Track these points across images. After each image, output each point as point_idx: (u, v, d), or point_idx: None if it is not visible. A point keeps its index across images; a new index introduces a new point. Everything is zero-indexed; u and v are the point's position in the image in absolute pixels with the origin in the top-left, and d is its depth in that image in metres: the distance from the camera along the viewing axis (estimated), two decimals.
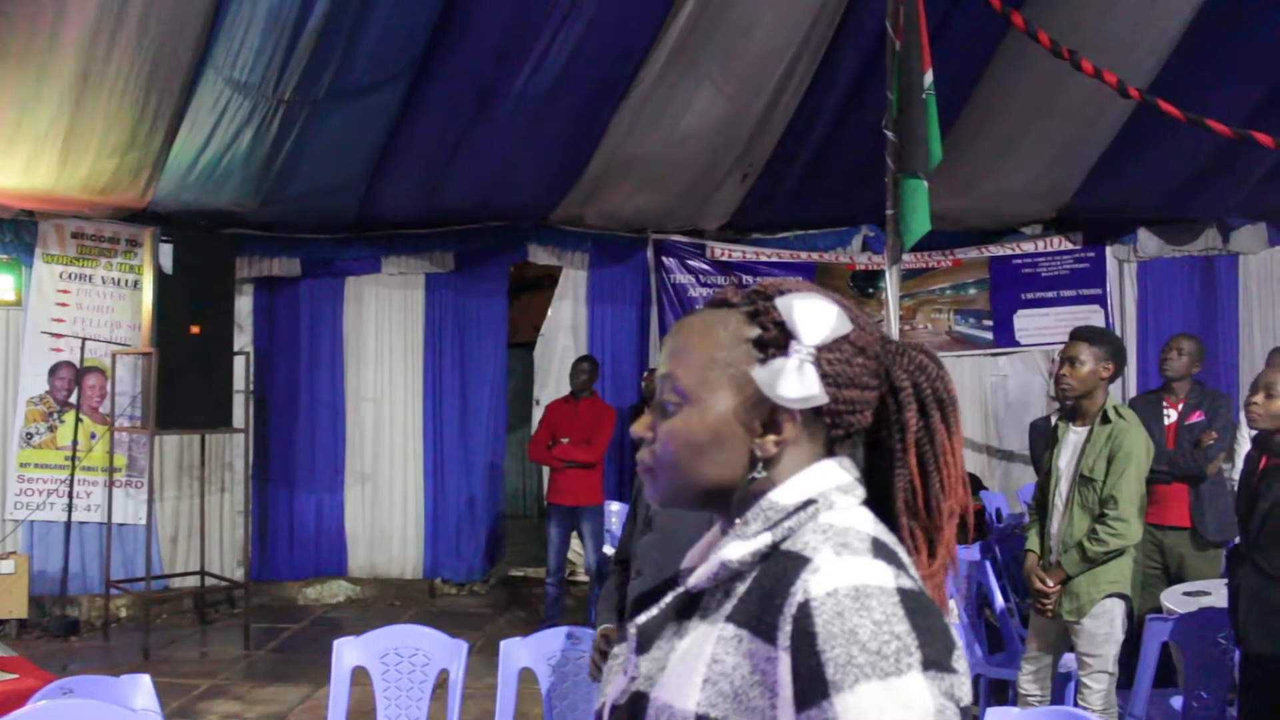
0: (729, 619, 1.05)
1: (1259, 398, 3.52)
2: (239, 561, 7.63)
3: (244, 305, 7.83)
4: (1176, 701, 4.11)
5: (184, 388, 6.64)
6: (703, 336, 1.15)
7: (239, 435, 7.34)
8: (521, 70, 6.02)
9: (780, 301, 1.13)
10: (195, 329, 6.73)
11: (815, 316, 1.11)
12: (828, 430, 1.13)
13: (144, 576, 6.83)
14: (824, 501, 1.09)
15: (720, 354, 1.13)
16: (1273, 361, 5.27)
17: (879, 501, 1.14)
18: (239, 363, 7.11)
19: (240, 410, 7.12)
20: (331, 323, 8.15)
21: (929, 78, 4.50)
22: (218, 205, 6.97)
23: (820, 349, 1.10)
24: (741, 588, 1.07)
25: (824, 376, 1.10)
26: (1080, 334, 4.10)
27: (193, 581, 7.49)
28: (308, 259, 7.95)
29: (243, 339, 7.70)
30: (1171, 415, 5.27)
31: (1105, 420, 3.96)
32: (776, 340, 1.11)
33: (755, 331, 1.13)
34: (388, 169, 6.82)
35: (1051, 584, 3.99)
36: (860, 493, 1.12)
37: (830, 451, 1.14)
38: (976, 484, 7.61)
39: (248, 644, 6.72)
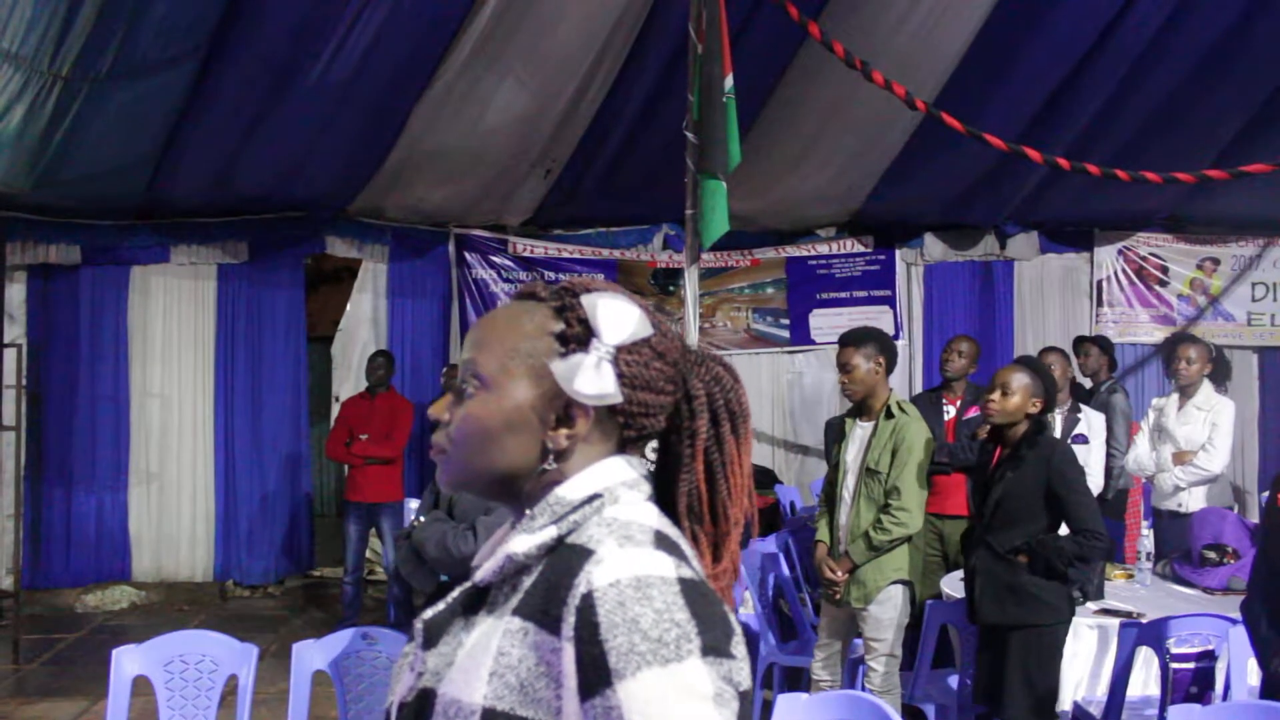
0: (515, 612, 1.06)
1: (995, 395, 3.84)
2: (8, 569, 7.13)
3: (16, 294, 7.33)
4: (954, 680, 4.35)
5: None
6: (508, 326, 1.17)
7: (9, 433, 6.86)
8: (321, 55, 5.85)
9: (586, 299, 1.15)
10: None
11: (618, 317, 1.14)
12: (620, 430, 1.16)
13: None
14: (609, 496, 1.12)
15: (523, 344, 1.15)
16: (1044, 360, 5.63)
17: (664, 504, 1.16)
18: (10, 355, 6.66)
19: (11, 407, 6.67)
20: (115, 314, 7.72)
21: (729, 82, 4.60)
22: None
23: (620, 349, 1.13)
24: (528, 581, 1.08)
25: (621, 377, 1.13)
26: (847, 339, 4.24)
27: None
28: (89, 246, 7.49)
29: (14, 330, 7.22)
30: (951, 411, 5.57)
31: (889, 415, 4.16)
32: (579, 337, 1.14)
33: (559, 326, 1.15)
34: (177, 153, 6.50)
35: (840, 573, 4.16)
36: (646, 489, 1.15)
37: (622, 452, 1.17)
38: (772, 478, 7.86)
39: (17, 658, 6.29)
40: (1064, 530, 3.84)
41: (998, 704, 3.78)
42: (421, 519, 3.16)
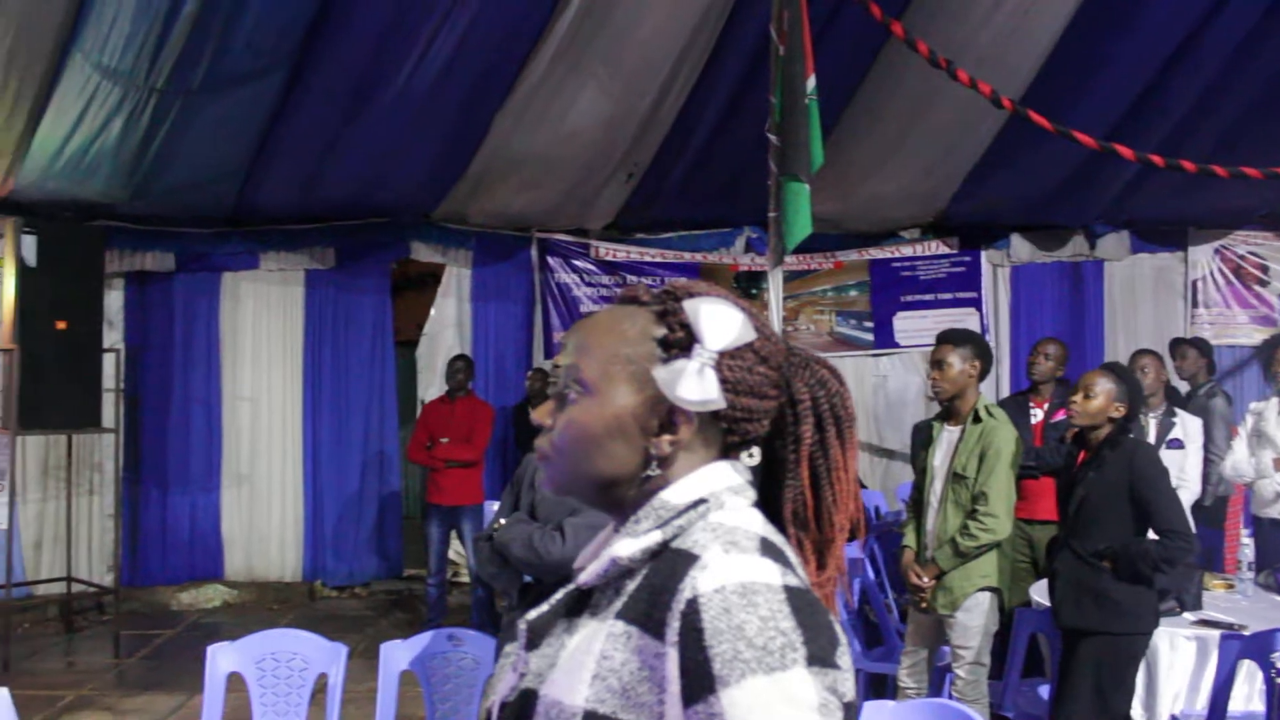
0: (619, 615, 1.06)
1: (1078, 397, 3.83)
2: (109, 567, 7.35)
3: (114, 300, 7.56)
4: (1044, 690, 4.26)
5: (48, 386, 6.35)
6: (609, 331, 1.15)
7: (109, 435, 7.07)
8: (404, 63, 5.94)
9: (688, 304, 1.13)
10: (61, 324, 6.45)
11: (720, 322, 1.12)
12: (724, 436, 1.14)
13: (4, 584, 6.51)
14: (714, 501, 1.10)
15: (625, 350, 1.14)
16: (1137, 363, 5.50)
17: (769, 509, 1.15)
18: (109, 360, 6.85)
19: (110, 409, 6.86)
20: (207, 319, 7.92)
21: (811, 83, 4.56)
22: (85, 196, 6.71)
23: (722, 354, 1.11)
24: (632, 585, 1.07)
25: (724, 382, 1.11)
26: (946, 337, 4.21)
27: (58, 588, 7.18)
28: (182, 253, 7.70)
29: (113, 335, 7.43)
30: (1038, 414, 5.46)
31: (977, 419, 4.08)
32: (681, 342, 1.12)
33: (661, 331, 1.14)
34: (266, 162, 6.66)
35: (926, 579, 4.10)
36: (751, 494, 1.14)
37: (725, 457, 1.15)
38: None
39: (118, 652, 6.48)
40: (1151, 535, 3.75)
41: (1065, 709, 3.70)
42: (502, 520, 3.17)
